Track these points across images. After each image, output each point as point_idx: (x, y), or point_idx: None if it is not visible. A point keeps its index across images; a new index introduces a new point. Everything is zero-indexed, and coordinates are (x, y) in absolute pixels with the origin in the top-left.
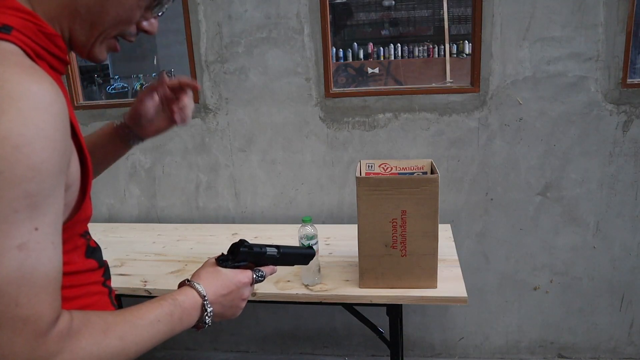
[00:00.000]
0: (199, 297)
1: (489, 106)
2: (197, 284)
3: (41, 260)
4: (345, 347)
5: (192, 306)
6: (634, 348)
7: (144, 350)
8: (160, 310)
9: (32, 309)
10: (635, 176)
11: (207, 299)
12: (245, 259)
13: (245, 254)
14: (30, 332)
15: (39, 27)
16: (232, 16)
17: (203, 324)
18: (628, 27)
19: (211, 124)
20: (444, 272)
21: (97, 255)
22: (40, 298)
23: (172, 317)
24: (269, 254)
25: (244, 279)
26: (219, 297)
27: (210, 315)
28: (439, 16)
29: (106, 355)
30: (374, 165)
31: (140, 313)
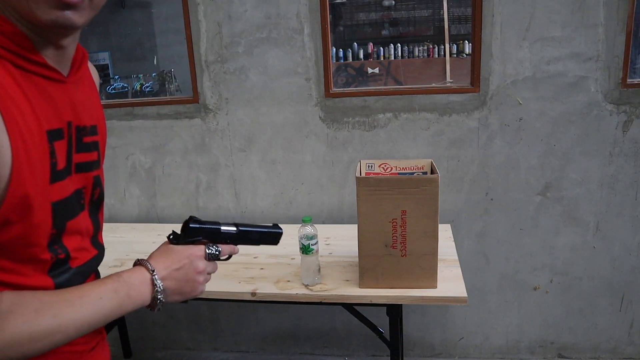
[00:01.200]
0: (147, 272)
1: (489, 106)
2: (146, 261)
3: None
4: (345, 347)
5: (140, 282)
6: (634, 348)
7: (89, 328)
8: (103, 287)
9: None
10: (635, 176)
11: (155, 273)
12: (198, 235)
13: (197, 230)
14: None
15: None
16: (232, 16)
17: (156, 300)
18: (628, 27)
19: (211, 124)
20: (444, 272)
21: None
22: None
23: (117, 293)
24: (224, 230)
25: (197, 252)
26: (171, 272)
27: (162, 290)
28: (439, 16)
29: (39, 334)
30: (374, 165)
31: (81, 292)
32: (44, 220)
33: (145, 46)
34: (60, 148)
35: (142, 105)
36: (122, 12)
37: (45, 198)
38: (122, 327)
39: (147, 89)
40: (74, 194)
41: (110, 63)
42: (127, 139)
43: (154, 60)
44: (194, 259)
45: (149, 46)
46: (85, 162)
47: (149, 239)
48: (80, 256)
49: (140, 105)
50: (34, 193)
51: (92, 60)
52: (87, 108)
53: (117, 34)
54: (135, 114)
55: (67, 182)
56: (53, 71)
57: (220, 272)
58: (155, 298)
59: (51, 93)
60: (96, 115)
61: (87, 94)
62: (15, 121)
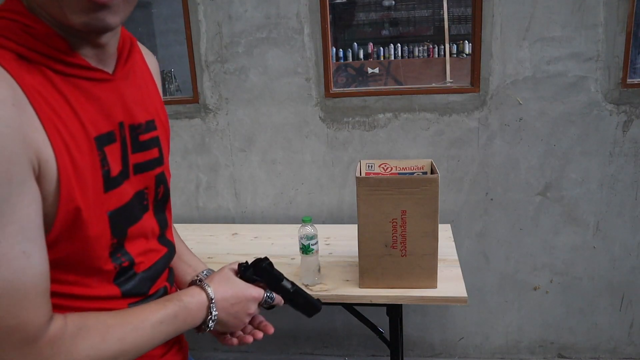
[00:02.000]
0: (206, 298)
1: (489, 106)
2: (208, 286)
3: (13, 270)
4: (345, 347)
5: (198, 307)
6: (634, 348)
7: (148, 349)
8: (164, 312)
9: (16, 318)
10: (635, 176)
11: (214, 301)
12: (262, 276)
13: (265, 272)
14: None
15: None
16: (232, 16)
17: (205, 326)
18: (628, 27)
19: (211, 124)
20: (444, 272)
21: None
22: (22, 306)
23: (177, 318)
24: (284, 283)
25: (255, 294)
26: (227, 305)
27: (215, 319)
28: (439, 16)
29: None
30: (374, 165)
31: (143, 315)
32: (102, 232)
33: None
34: (113, 152)
35: None
36: None
37: (100, 209)
38: None
39: None
40: (134, 197)
41: None
42: None
43: None
44: (251, 301)
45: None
46: (144, 162)
47: None
48: (147, 259)
49: None
50: (86, 206)
51: None
52: (141, 102)
53: None
54: None
55: (125, 186)
56: (96, 71)
57: None
58: (206, 324)
59: (97, 95)
60: (153, 107)
61: (139, 87)
62: (59, 132)
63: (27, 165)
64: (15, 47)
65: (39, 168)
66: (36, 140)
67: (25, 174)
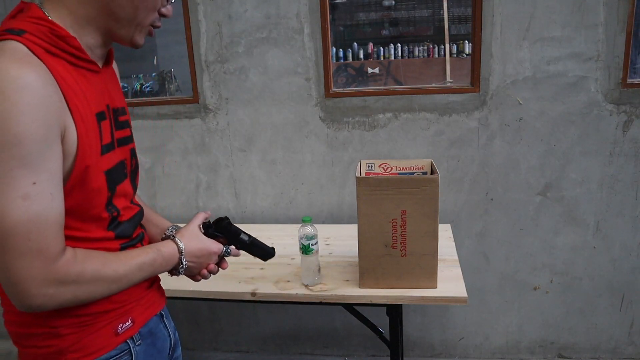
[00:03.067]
0: (177, 250)
1: (489, 106)
2: (180, 241)
3: (43, 206)
4: (345, 347)
5: (172, 256)
6: (634, 348)
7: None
8: (146, 256)
9: (41, 243)
10: (635, 176)
11: (183, 254)
12: (223, 232)
13: (225, 229)
14: (43, 259)
15: (52, 31)
16: (232, 16)
17: (177, 272)
18: (628, 27)
19: (211, 124)
20: (444, 272)
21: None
22: (47, 234)
23: (155, 262)
24: (241, 237)
25: (216, 249)
26: (193, 257)
27: (185, 267)
28: (439, 16)
29: (103, 280)
30: (374, 165)
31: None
32: (101, 186)
33: (145, 46)
34: (105, 127)
35: (142, 105)
36: None
37: (99, 168)
38: None
39: (147, 89)
40: (119, 164)
41: None
42: None
43: (154, 60)
44: (211, 254)
45: (149, 46)
46: (123, 137)
47: None
48: (127, 213)
49: (140, 105)
50: (91, 164)
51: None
52: (117, 93)
53: None
54: (135, 113)
55: (112, 154)
56: (93, 64)
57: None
58: (177, 270)
59: (94, 82)
60: (122, 99)
61: (114, 81)
62: (77, 107)
63: (57, 130)
64: (43, 44)
65: (64, 133)
66: (63, 112)
67: (55, 136)
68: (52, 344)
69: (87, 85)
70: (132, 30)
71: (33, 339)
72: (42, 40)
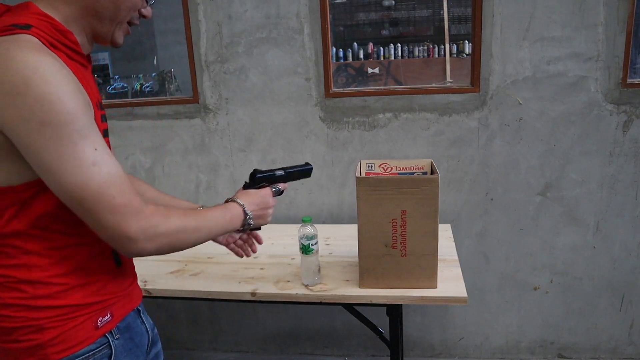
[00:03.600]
0: (239, 205)
1: (489, 106)
2: (237, 199)
3: (109, 167)
4: (345, 347)
5: (237, 211)
6: (634, 348)
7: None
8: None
9: (126, 197)
10: (635, 176)
11: (245, 206)
12: (262, 181)
13: (260, 179)
14: (132, 210)
15: (53, 26)
16: (232, 16)
17: (247, 224)
18: (628, 27)
19: (211, 124)
20: (444, 272)
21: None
22: (126, 189)
23: (225, 216)
24: (277, 174)
25: (264, 191)
26: (253, 205)
27: (251, 216)
28: (439, 16)
29: (186, 227)
30: (374, 165)
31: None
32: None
33: (145, 46)
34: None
35: (142, 105)
36: None
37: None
38: None
39: (147, 89)
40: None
41: (110, 63)
42: (127, 139)
43: (154, 60)
44: (266, 196)
45: (149, 46)
46: (106, 130)
47: None
48: None
49: (140, 105)
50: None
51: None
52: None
53: None
54: (135, 114)
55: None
56: (85, 59)
57: (221, 272)
58: (247, 221)
59: (86, 74)
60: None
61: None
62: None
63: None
64: (48, 38)
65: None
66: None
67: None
68: (34, 338)
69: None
70: (113, 29)
71: (15, 333)
72: (46, 34)
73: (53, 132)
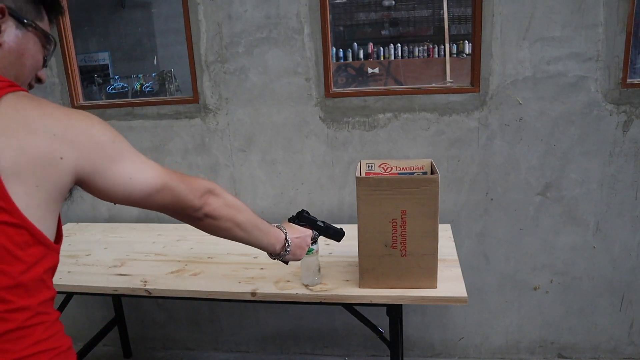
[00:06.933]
0: (283, 233)
1: (489, 106)
2: (282, 227)
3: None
4: (345, 347)
5: (280, 235)
6: (634, 348)
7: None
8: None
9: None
10: (635, 176)
11: (287, 236)
12: (305, 221)
13: (306, 219)
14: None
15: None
16: (232, 16)
17: (284, 252)
18: (628, 27)
19: (211, 124)
20: (444, 272)
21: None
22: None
23: (269, 231)
24: (318, 223)
25: (308, 232)
26: (294, 238)
27: (289, 247)
28: (439, 16)
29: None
30: (374, 165)
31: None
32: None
33: (145, 46)
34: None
35: (142, 105)
36: (122, 12)
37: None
38: (122, 327)
39: (147, 89)
40: None
41: (110, 63)
42: (127, 139)
43: (154, 60)
44: (306, 236)
45: (149, 46)
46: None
47: (149, 239)
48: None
49: (140, 105)
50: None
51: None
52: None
53: (117, 34)
54: (135, 114)
55: None
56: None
57: (221, 272)
58: (284, 250)
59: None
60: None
61: None
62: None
63: None
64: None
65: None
66: None
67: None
68: None
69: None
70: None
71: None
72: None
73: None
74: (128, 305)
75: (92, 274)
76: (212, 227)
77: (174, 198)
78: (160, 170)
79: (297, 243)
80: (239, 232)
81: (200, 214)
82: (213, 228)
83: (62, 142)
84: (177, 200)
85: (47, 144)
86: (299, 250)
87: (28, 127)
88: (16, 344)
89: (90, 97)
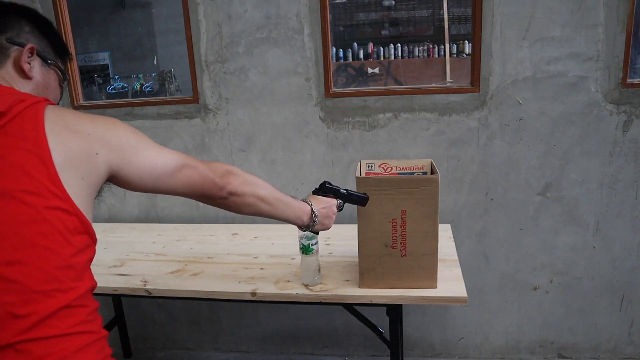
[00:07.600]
0: (308, 205)
1: (489, 106)
2: (308, 200)
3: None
4: (345, 347)
5: (305, 207)
6: (634, 348)
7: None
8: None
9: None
10: (635, 176)
11: (313, 207)
12: (329, 192)
13: (329, 189)
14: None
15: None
16: (232, 16)
17: (312, 223)
18: (628, 27)
19: (211, 124)
20: (444, 272)
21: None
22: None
23: (293, 203)
24: (341, 191)
25: (333, 201)
26: (320, 209)
27: (317, 217)
28: (439, 16)
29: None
30: (374, 165)
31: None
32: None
33: (145, 46)
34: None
35: (142, 105)
36: (122, 12)
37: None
38: (122, 327)
39: (147, 89)
40: None
41: (110, 63)
42: None
43: (154, 60)
44: (332, 205)
45: (149, 46)
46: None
47: (149, 238)
48: None
49: (140, 105)
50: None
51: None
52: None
53: (117, 34)
54: (135, 114)
55: None
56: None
57: (221, 272)
58: (312, 221)
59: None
60: None
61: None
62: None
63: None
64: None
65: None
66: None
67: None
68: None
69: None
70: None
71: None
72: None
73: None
74: (128, 305)
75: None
76: (238, 204)
77: (199, 177)
78: (180, 154)
79: (324, 213)
80: (265, 207)
81: (224, 193)
82: (239, 205)
83: (96, 140)
84: (202, 180)
85: (84, 142)
86: (326, 220)
87: (68, 128)
88: (63, 321)
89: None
